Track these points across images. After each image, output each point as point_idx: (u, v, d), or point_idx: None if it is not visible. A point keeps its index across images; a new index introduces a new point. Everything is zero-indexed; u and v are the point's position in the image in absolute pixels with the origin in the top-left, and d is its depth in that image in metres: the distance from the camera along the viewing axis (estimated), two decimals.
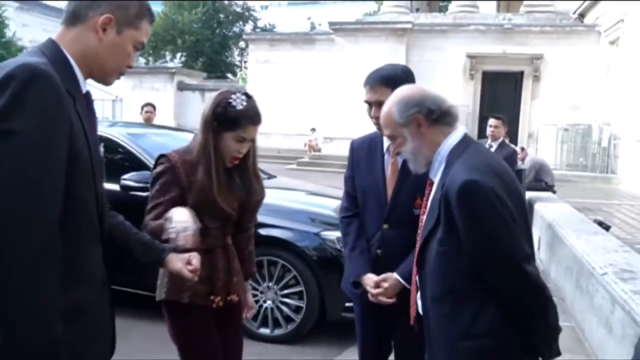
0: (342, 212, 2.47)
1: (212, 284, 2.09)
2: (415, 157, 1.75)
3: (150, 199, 2.06)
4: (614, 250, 4.21)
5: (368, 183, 2.35)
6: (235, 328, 2.30)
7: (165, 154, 2.08)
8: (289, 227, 4.04)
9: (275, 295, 4.03)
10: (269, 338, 4.00)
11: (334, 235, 4.00)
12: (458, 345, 1.61)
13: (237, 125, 2.02)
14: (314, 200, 5.15)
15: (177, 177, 2.03)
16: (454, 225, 1.58)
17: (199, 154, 2.04)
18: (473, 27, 18.48)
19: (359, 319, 2.45)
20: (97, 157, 1.42)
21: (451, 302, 1.63)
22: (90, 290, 1.39)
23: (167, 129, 6.43)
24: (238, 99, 2.03)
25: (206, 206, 2.03)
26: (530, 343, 1.63)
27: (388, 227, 2.26)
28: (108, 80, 1.49)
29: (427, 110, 1.70)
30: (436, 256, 1.63)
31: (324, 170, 16.10)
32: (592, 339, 3.74)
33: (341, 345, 3.98)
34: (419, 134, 1.71)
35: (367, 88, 2.28)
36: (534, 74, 17.94)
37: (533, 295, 1.60)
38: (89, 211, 1.39)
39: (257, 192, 2.20)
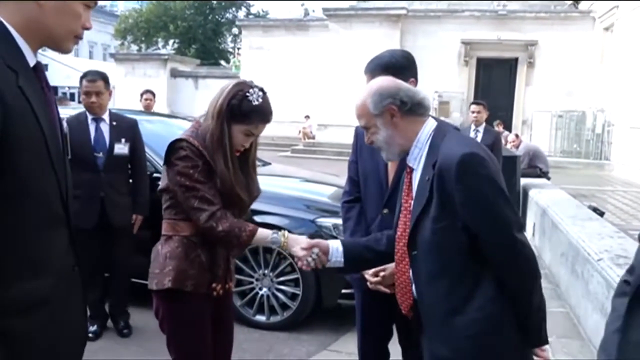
0: (344, 197, 2.49)
1: (213, 272, 2.08)
2: (388, 145, 1.81)
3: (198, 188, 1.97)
4: (609, 236, 4.23)
5: (370, 168, 2.37)
6: (230, 316, 2.31)
7: (183, 138, 2.01)
8: (285, 214, 4.02)
9: (271, 283, 4.02)
10: (265, 325, 3.99)
11: (330, 222, 3.99)
12: (454, 320, 1.66)
13: (249, 120, 2.01)
14: (309, 187, 5.14)
15: (206, 161, 1.99)
16: (448, 201, 1.63)
17: (215, 144, 2.00)
18: (468, 13, 18.41)
19: (360, 303, 2.46)
20: (53, 138, 1.32)
21: (448, 280, 1.67)
22: (50, 280, 1.32)
23: (160, 115, 6.39)
24: (255, 94, 2.01)
25: (225, 196, 2.01)
26: (521, 324, 1.67)
27: (388, 212, 2.27)
28: (63, 47, 1.38)
29: (400, 102, 1.77)
30: (432, 234, 1.67)
31: (318, 158, 16.10)
32: (586, 324, 3.76)
33: (337, 332, 3.99)
34: (392, 123, 1.78)
35: (368, 76, 2.26)
36: (529, 60, 17.92)
37: (526, 261, 1.65)
38: (41, 197, 1.30)
39: (255, 186, 2.20)
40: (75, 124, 3.71)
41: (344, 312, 4.13)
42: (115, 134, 3.75)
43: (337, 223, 3.97)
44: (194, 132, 2.06)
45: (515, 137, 8.95)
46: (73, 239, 1.44)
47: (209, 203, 1.97)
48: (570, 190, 7.86)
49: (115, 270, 3.90)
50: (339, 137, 16.77)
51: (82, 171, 3.62)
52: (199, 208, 1.97)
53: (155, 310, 2.14)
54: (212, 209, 1.96)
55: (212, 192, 1.98)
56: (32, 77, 1.31)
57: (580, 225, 4.68)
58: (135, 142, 3.81)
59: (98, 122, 3.76)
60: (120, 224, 3.73)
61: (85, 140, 3.68)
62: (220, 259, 2.12)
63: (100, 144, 3.72)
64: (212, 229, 1.97)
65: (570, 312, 4.24)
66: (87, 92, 3.70)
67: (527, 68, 17.99)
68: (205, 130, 2.03)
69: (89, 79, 3.71)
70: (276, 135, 19.21)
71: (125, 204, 3.80)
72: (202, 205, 1.96)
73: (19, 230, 1.25)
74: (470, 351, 1.66)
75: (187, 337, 2.07)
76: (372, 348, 2.48)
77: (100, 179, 3.68)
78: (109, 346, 3.64)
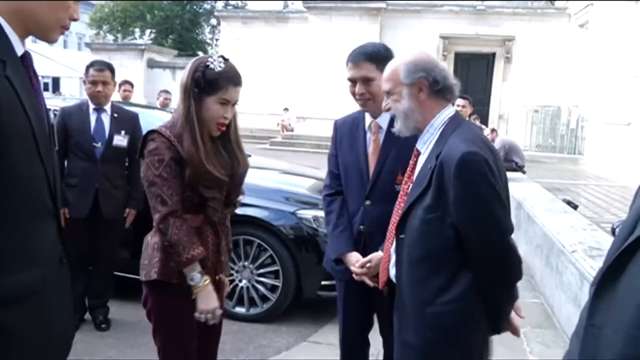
0: (325, 190, 2.49)
1: (202, 264, 2.05)
2: (405, 118, 1.79)
3: (158, 184, 1.94)
4: (582, 228, 4.33)
5: (350, 160, 2.37)
6: None
7: (155, 130, 2.00)
8: (265, 206, 4.02)
9: (251, 275, 4.02)
10: (245, 317, 3.99)
11: (310, 214, 4.00)
12: (426, 309, 1.70)
13: (217, 87, 1.97)
14: (288, 179, 5.15)
15: (176, 151, 1.97)
16: (444, 195, 1.64)
17: (182, 124, 1.98)
18: (446, 8, 18.50)
19: (342, 296, 2.48)
20: (41, 128, 1.31)
21: (427, 268, 1.70)
22: (38, 272, 1.31)
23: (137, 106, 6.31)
24: (215, 62, 1.99)
25: (199, 177, 1.98)
26: (489, 313, 1.71)
27: (370, 203, 2.29)
28: (50, 37, 1.36)
29: (433, 79, 1.75)
30: (421, 223, 1.69)
31: (297, 150, 16.07)
32: (560, 315, 3.85)
33: (317, 324, 4.02)
34: (417, 97, 1.76)
35: (351, 65, 2.27)
36: (506, 55, 18.11)
37: (510, 267, 1.68)
38: (29, 188, 1.29)
39: (241, 162, 2.16)
40: (76, 113, 3.72)
41: (323, 303, 4.16)
42: (116, 125, 3.73)
43: (317, 215, 3.99)
44: (169, 122, 2.05)
45: (491, 131, 9.06)
46: (61, 231, 1.42)
47: (162, 203, 1.94)
48: (545, 184, 8.00)
49: (100, 263, 3.86)
50: (318, 129, 16.76)
51: (80, 160, 3.65)
52: (154, 207, 1.96)
53: (144, 300, 2.13)
54: (164, 211, 1.93)
55: (171, 191, 1.95)
56: (19, 66, 1.29)
57: (555, 218, 4.79)
58: (135, 135, 3.78)
59: (99, 112, 3.75)
60: (110, 215, 3.69)
61: (85, 130, 3.67)
62: (210, 250, 2.10)
63: (99, 134, 3.70)
64: (160, 233, 1.96)
65: (544, 303, 4.33)
66: (94, 81, 3.69)
67: (504, 63, 18.18)
68: (178, 116, 2.02)
69: (96, 68, 3.71)
70: (255, 127, 19.15)
71: (118, 196, 3.76)
72: (157, 205, 1.95)
73: (7, 221, 1.24)
74: (437, 341, 1.71)
75: (172, 329, 2.06)
76: (353, 337, 2.50)
77: (97, 169, 3.66)
78: (87, 339, 3.61)
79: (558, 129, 15.94)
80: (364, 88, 2.25)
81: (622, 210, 7.19)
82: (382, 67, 2.23)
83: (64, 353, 1.48)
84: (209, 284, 1.99)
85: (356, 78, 2.26)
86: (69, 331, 1.51)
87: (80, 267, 3.72)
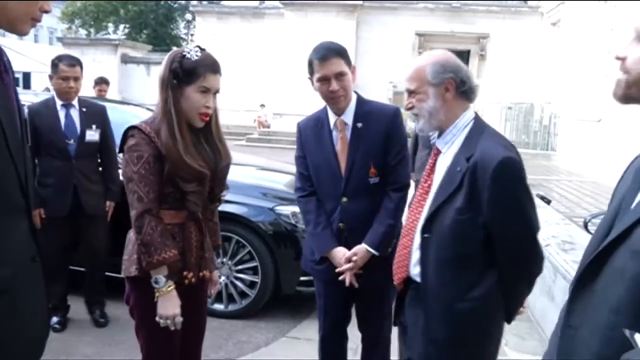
0: (298, 192, 2.47)
1: (185, 260, 2.04)
2: (430, 117, 1.82)
3: (135, 181, 1.92)
4: (556, 223, 4.42)
5: (320, 160, 2.36)
6: (202, 304, 2.26)
7: (134, 125, 1.97)
8: (243, 202, 4.00)
9: (230, 271, 4.01)
10: (223, 313, 3.98)
11: (288, 210, 4.00)
12: (454, 306, 1.76)
13: (196, 75, 1.96)
14: (266, 175, 5.13)
15: (155, 148, 1.94)
16: (477, 197, 1.69)
17: (162, 116, 1.96)
18: (422, 6, 18.64)
19: (322, 294, 2.48)
20: (11, 124, 1.28)
21: (458, 266, 1.76)
22: (7, 270, 1.28)
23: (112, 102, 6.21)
24: (192, 51, 1.98)
25: (177, 169, 1.95)
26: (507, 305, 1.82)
27: (347, 200, 2.30)
28: (20, 30, 1.32)
29: (460, 80, 1.80)
30: (452, 223, 1.73)
31: (273, 147, 16.03)
32: (534, 307, 3.93)
33: (295, 319, 4.03)
34: (443, 98, 1.80)
35: (320, 62, 2.23)
36: (480, 52, 18.33)
37: (536, 265, 1.79)
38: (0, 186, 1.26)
39: (224, 155, 2.15)
40: (44, 111, 3.62)
41: (302, 299, 4.17)
42: (86, 120, 3.67)
43: (295, 211, 3.98)
44: (150, 118, 2.03)
45: None
46: (33, 230, 1.39)
47: (139, 200, 1.92)
48: None
49: (91, 259, 3.81)
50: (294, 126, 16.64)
51: (53, 159, 3.57)
52: (131, 204, 1.95)
53: (126, 297, 2.11)
54: (140, 209, 1.91)
55: (148, 188, 1.93)
56: None
57: None
58: (105, 129, 3.73)
59: (68, 108, 3.68)
60: (93, 210, 3.64)
61: (56, 127, 3.59)
62: (193, 246, 2.08)
63: (70, 130, 3.64)
64: (135, 230, 1.94)
65: None
66: (66, 77, 3.60)
67: (478, 60, 18.40)
68: (157, 110, 2.01)
69: (67, 63, 3.62)
70: (231, 124, 18.99)
71: (97, 190, 3.72)
72: (134, 202, 1.94)
73: None
74: (466, 335, 1.79)
75: (155, 326, 2.03)
76: (331, 332, 2.52)
77: (72, 166, 3.59)
78: (63, 337, 3.56)
79: (531, 125, 16.19)
80: (338, 84, 2.24)
81: (593, 205, 7.35)
82: (348, 61, 2.24)
83: (37, 353, 1.46)
84: (173, 289, 1.96)
85: (330, 75, 2.23)
86: (42, 330, 1.47)
87: (61, 267, 3.68)
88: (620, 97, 1.15)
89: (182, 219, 2.05)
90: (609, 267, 1.07)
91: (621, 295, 1.02)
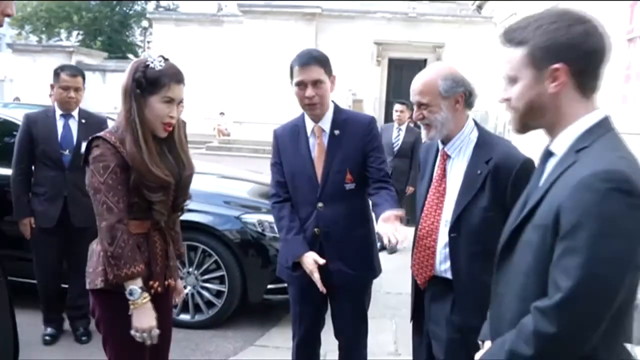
0: (273, 199, 2.50)
1: (150, 269, 2.03)
2: (441, 126, 1.99)
3: (103, 192, 1.89)
4: None
5: (297, 167, 2.40)
6: (168, 313, 2.25)
7: (98, 136, 1.95)
8: (208, 211, 3.98)
9: (196, 281, 3.97)
10: (190, 324, 3.93)
11: (254, 219, 4.00)
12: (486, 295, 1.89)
13: (160, 85, 1.95)
14: (227, 183, 5.10)
15: (121, 157, 1.92)
16: (501, 195, 1.86)
17: (125, 125, 1.95)
18: (380, 15, 18.94)
19: (297, 300, 2.51)
20: None
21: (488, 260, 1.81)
22: None
23: None
24: (156, 61, 1.97)
25: (142, 178, 1.94)
26: None
27: (322, 205, 2.34)
28: None
29: (469, 92, 2.00)
30: (480, 221, 1.91)
31: (234, 155, 15.93)
32: None
33: (263, 328, 4.02)
34: (454, 109, 1.98)
35: (299, 68, 2.29)
36: (437, 61, 18.73)
37: None
38: None
39: (187, 165, 2.14)
40: (41, 119, 3.57)
41: (269, 307, 4.17)
42: (84, 131, 3.56)
43: (261, 219, 3.99)
44: (113, 127, 2.01)
45: None
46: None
47: (109, 211, 1.90)
48: None
49: (75, 273, 3.69)
50: (255, 134, 16.70)
51: (47, 168, 3.53)
52: (100, 215, 1.91)
53: (92, 310, 2.08)
54: (111, 220, 1.89)
55: (117, 198, 1.91)
56: None
57: None
58: None
59: (67, 118, 3.62)
60: (80, 224, 3.49)
61: (51, 137, 3.54)
62: (158, 255, 2.07)
63: (67, 141, 3.58)
64: (104, 242, 1.90)
65: None
66: (67, 87, 3.56)
67: None
68: (120, 119, 1.99)
69: (69, 73, 3.58)
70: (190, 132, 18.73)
71: (87, 203, 3.59)
72: (103, 213, 1.90)
73: None
74: None
75: (122, 336, 2.00)
76: (306, 337, 2.54)
77: (65, 177, 3.53)
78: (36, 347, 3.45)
79: None
80: (314, 91, 2.29)
81: None
82: (328, 70, 2.30)
83: None
84: (148, 301, 1.93)
85: (307, 81, 2.29)
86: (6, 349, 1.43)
87: (53, 276, 3.64)
88: (520, 129, 1.39)
89: (146, 229, 2.04)
90: (521, 241, 1.30)
91: (529, 262, 1.25)
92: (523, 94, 1.32)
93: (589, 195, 1.14)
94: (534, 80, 1.29)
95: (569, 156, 1.26)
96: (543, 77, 1.27)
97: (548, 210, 1.22)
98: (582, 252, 1.12)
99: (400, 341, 3.84)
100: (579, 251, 1.13)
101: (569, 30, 1.24)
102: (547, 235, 1.21)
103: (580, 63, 1.25)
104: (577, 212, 1.15)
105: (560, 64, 1.24)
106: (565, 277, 1.14)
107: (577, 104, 1.28)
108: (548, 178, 1.31)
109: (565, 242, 1.16)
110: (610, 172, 1.14)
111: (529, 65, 1.29)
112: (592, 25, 1.25)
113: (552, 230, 1.20)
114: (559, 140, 1.32)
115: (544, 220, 1.22)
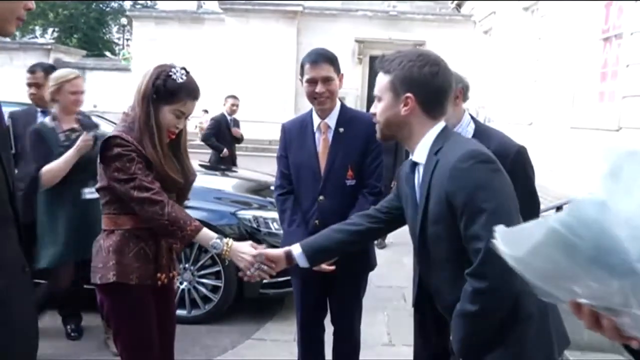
0: (278, 190, 2.60)
1: (157, 262, 2.10)
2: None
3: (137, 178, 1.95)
4: None
5: (302, 160, 2.50)
6: (172, 304, 2.34)
7: (115, 135, 1.99)
8: (204, 207, 4.02)
9: (192, 277, 4.02)
10: (187, 319, 3.96)
11: (249, 215, 4.07)
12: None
13: (176, 98, 2.02)
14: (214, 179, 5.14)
15: (142, 155, 1.99)
16: None
17: (142, 128, 2.01)
18: (361, 13, 19.07)
19: (299, 290, 2.61)
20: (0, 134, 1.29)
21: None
22: (3, 281, 1.26)
23: None
24: (178, 72, 2.03)
25: (161, 179, 2.02)
26: None
27: (323, 199, 2.43)
28: (6, 30, 1.29)
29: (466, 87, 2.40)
30: None
31: None
32: None
33: (259, 322, 4.09)
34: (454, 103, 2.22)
35: (310, 65, 2.39)
36: None
37: None
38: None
39: (191, 169, 2.24)
40: (22, 117, 3.59)
41: (265, 301, 4.24)
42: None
43: (256, 215, 4.06)
44: (125, 127, 2.06)
45: None
46: (22, 239, 1.39)
47: (147, 190, 1.95)
48: None
49: None
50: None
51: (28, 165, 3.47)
52: (139, 197, 1.95)
53: (100, 304, 2.13)
54: (151, 194, 1.95)
55: (150, 178, 1.98)
56: None
57: None
58: None
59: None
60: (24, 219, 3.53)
61: None
62: (164, 249, 2.14)
63: None
64: (155, 215, 1.94)
65: None
66: (28, 84, 3.65)
67: None
68: (133, 120, 2.04)
69: (29, 69, 3.68)
70: None
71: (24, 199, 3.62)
72: (142, 194, 1.95)
73: None
74: None
75: (134, 329, 2.07)
76: (310, 325, 2.64)
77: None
78: None
79: None
80: (324, 87, 2.39)
81: None
82: (337, 68, 2.40)
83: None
84: (233, 242, 2.02)
85: (318, 78, 2.39)
86: (33, 340, 1.45)
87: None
88: (382, 138, 1.73)
89: None
90: (429, 234, 1.60)
91: (445, 249, 1.58)
92: (384, 111, 1.67)
93: (462, 174, 1.47)
94: (393, 103, 1.64)
95: (431, 159, 1.59)
96: (399, 101, 1.62)
97: (438, 202, 1.53)
98: (480, 216, 1.43)
99: (393, 332, 3.95)
100: (477, 216, 1.44)
101: (421, 70, 1.60)
102: (448, 222, 1.52)
103: (426, 96, 1.61)
104: (461, 190, 1.47)
105: (411, 94, 1.60)
106: (477, 241, 1.44)
107: (425, 123, 1.64)
108: (423, 181, 1.62)
109: (464, 216, 1.47)
110: (468, 152, 1.50)
111: (390, 90, 1.64)
112: (441, 67, 1.62)
113: (450, 215, 1.50)
114: (418, 152, 1.64)
115: (439, 213, 1.53)
